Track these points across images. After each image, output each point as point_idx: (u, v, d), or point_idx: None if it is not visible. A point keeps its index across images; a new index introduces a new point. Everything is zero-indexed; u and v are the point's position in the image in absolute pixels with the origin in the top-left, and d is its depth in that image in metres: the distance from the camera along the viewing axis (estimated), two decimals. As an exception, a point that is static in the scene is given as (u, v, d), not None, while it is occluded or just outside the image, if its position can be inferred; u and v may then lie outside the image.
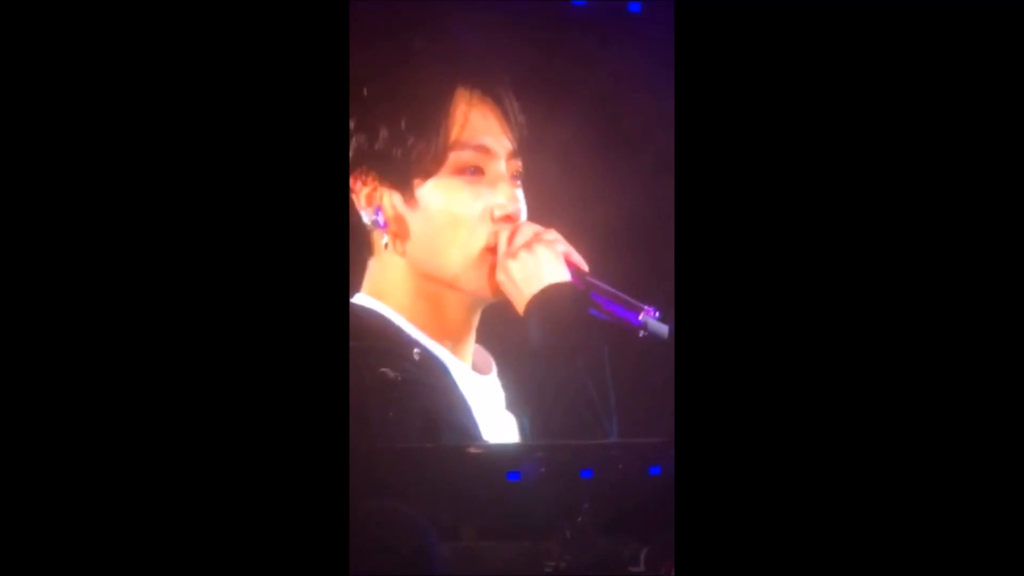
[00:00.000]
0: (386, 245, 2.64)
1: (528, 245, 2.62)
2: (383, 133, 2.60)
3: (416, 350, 2.57)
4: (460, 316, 2.68)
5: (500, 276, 2.62)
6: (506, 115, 2.67)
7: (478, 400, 2.65)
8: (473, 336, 2.73)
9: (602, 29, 2.87)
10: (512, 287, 2.61)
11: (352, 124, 2.60)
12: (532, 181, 2.73)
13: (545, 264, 2.61)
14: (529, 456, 2.50)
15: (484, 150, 2.64)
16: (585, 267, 2.68)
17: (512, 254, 2.61)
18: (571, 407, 2.56)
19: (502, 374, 2.75)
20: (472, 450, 2.46)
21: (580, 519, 2.45)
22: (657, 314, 2.59)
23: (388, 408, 2.46)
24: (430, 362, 2.59)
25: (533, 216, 2.71)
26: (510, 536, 2.45)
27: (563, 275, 2.62)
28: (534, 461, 2.50)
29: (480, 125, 2.65)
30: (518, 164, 2.69)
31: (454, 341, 2.68)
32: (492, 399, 2.70)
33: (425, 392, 2.52)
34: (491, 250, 2.64)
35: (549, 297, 2.59)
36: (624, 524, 2.43)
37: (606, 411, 2.58)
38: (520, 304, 2.61)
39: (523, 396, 2.67)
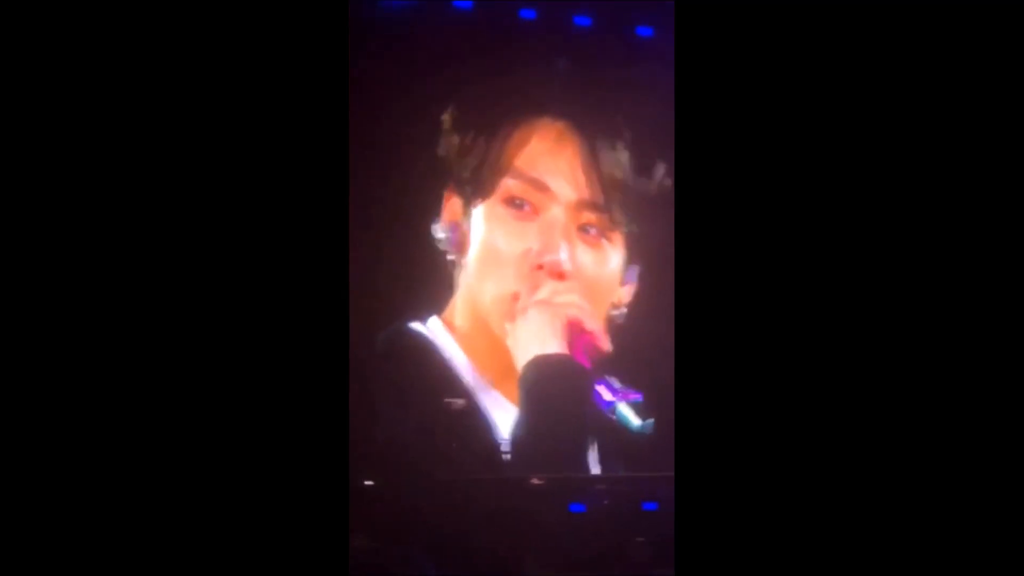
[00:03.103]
0: (451, 263, 2.50)
1: (539, 304, 2.43)
2: (454, 141, 2.48)
3: (457, 400, 2.44)
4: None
5: (507, 329, 2.45)
6: (594, 162, 2.46)
7: None
8: None
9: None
10: (513, 344, 2.44)
11: (444, 125, 2.48)
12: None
13: (540, 330, 2.42)
14: (592, 488, 2.48)
15: (540, 187, 2.46)
16: (600, 340, 2.47)
17: (523, 310, 2.44)
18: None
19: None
20: (535, 481, 2.43)
21: (634, 552, 2.42)
22: (638, 397, 2.42)
23: (452, 439, 2.41)
24: (470, 412, 2.44)
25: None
26: (573, 567, 2.43)
27: (555, 346, 2.41)
28: (597, 493, 2.48)
29: (547, 160, 2.47)
30: (591, 217, 2.46)
31: (509, 383, 2.47)
32: None
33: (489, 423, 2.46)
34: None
35: (538, 367, 2.40)
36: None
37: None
38: (518, 365, 2.43)
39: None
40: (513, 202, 2.46)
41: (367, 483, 2.35)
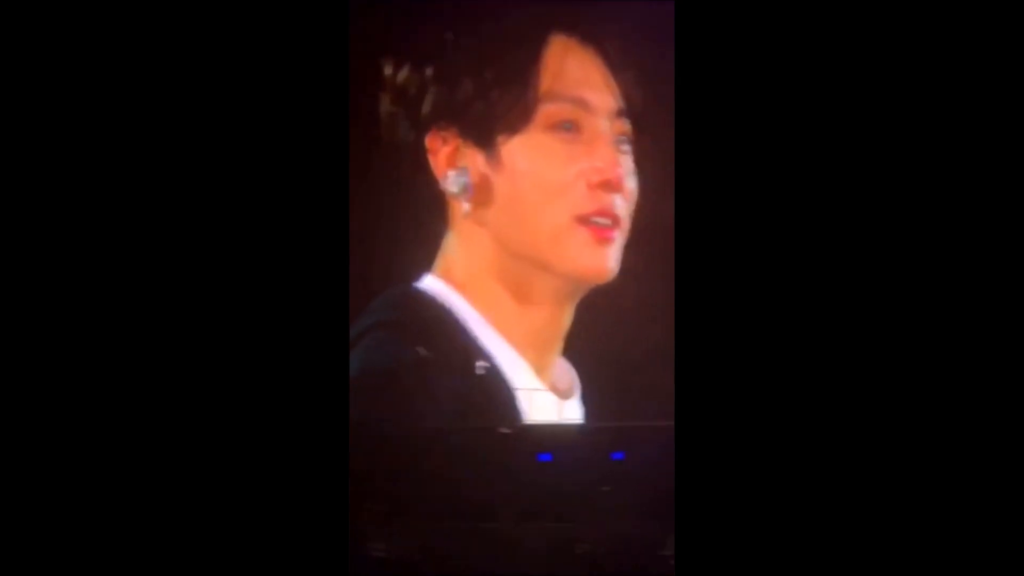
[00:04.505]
0: (467, 214, 2.39)
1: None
2: (466, 84, 2.36)
3: (480, 363, 2.38)
4: (549, 309, 2.42)
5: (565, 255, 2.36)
6: (612, 68, 2.38)
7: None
8: (560, 343, 2.45)
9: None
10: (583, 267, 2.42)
11: (430, 73, 2.38)
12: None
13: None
14: (560, 437, 2.50)
15: (582, 104, 2.36)
16: None
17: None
18: None
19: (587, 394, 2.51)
20: (503, 431, 2.44)
21: (602, 501, 2.44)
22: None
23: (420, 389, 2.39)
24: (495, 380, 2.38)
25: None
26: (541, 517, 2.45)
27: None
28: (565, 442, 2.50)
29: (578, 76, 2.38)
30: (624, 125, 2.39)
31: (535, 343, 2.43)
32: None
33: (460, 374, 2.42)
34: (582, 220, 2.37)
35: None
36: (654, 508, 2.43)
37: None
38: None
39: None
40: (559, 126, 2.36)
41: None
